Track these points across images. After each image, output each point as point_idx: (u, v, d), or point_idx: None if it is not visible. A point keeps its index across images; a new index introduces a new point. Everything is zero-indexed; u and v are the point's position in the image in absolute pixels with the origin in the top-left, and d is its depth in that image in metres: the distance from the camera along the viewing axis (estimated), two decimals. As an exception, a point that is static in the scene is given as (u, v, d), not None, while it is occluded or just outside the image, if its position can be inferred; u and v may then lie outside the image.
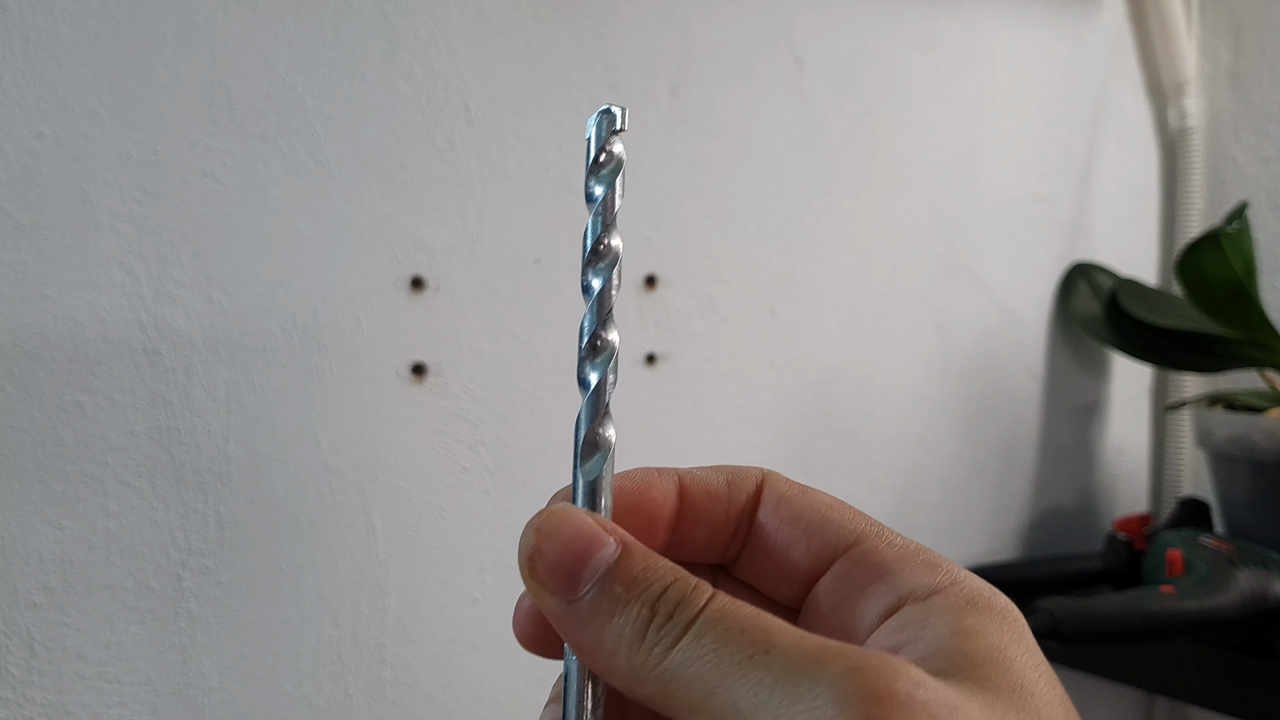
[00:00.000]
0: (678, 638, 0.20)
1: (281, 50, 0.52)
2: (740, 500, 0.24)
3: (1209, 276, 0.73)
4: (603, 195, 0.23)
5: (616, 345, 0.23)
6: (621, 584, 0.21)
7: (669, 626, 0.20)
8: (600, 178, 0.23)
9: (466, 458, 0.58)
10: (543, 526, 0.21)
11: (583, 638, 0.21)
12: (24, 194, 0.47)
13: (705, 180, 0.65)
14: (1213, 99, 0.90)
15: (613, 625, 0.20)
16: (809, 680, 0.18)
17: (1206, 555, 0.66)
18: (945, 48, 0.76)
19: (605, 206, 0.23)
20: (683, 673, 0.19)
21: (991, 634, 0.20)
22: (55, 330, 0.47)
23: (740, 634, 0.19)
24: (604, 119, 0.24)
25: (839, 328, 0.72)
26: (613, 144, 0.24)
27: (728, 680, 0.19)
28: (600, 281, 0.23)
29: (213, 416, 0.51)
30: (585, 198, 0.24)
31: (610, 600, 0.20)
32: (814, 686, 0.18)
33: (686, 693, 0.19)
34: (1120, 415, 0.89)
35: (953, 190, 0.77)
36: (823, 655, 0.19)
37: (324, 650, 0.54)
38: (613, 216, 0.23)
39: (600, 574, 0.21)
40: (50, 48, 0.47)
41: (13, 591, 0.47)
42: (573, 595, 0.21)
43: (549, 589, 0.21)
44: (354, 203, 0.54)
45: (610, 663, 0.20)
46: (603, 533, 0.21)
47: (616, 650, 0.20)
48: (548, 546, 0.21)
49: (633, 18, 0.62)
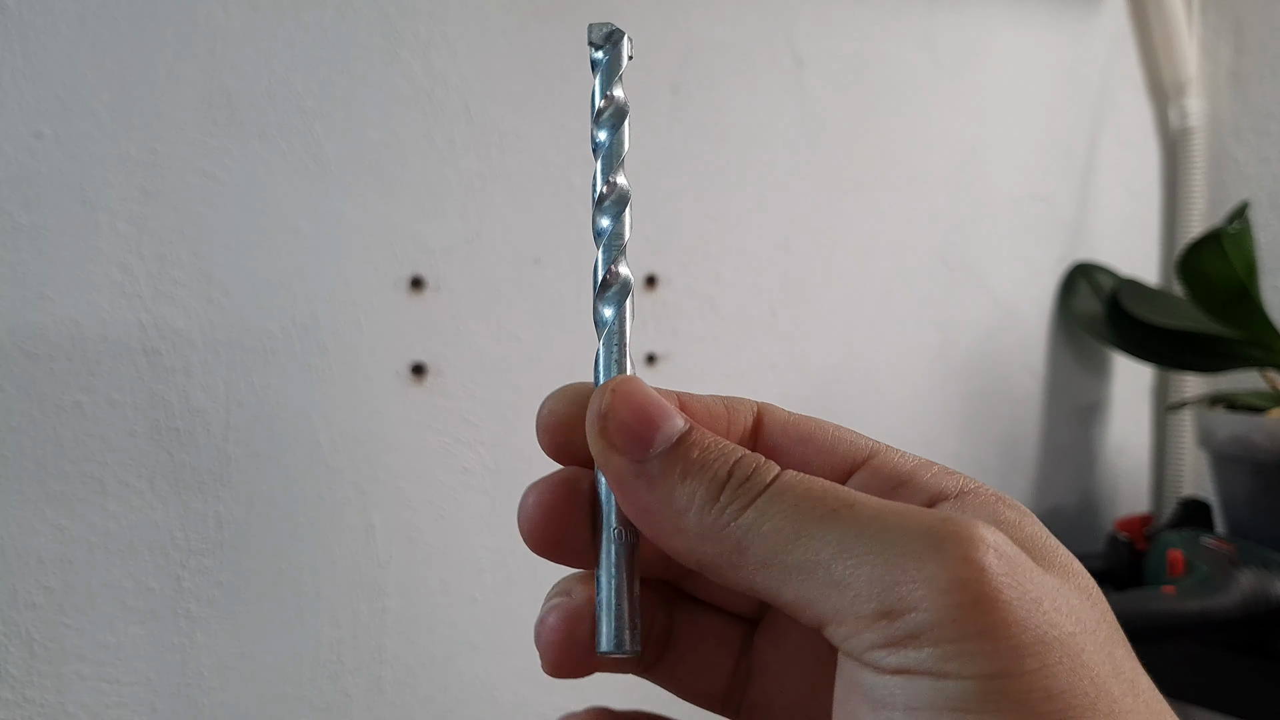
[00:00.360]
0: (755, 495, 0.20)
1: (281, 50, 0.52)
2: (740, 423, 0.24)
3: (1210, 276, 0.73)
4: (608, 140, 0.24)
5: (630, 280, 0.24)
6: (698, 449, 0.21)
7: (746, 486, 0.20)
8: (603, 123, 0.24)
9: (466, 458, 0.58)
10: (619, 389, 0.22)
11: (650, 499, 0.21)
12: (23, 193, 0.47)
13: (705, 180, 0.65)
14: (1214, 99, 0.90)
15: (685, 485, 0.21)
16: (897, 530, 0.19)
17: (1207, 556, 0.66)
18: (946, 47, 0.76)
19: (613, 151, 0.24)
20: (759, 527, 0.20)
21: (1029, 525, 0.21)
22: (54, 330, 0.47)
23: (821, 492, 0.20)
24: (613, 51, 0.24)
25: (839, 328, 0.72)
26: (616, 89, 0.24)
27: (809, 530, 0.19)
28: (610, 221, 0.24)
29: (212, 417, 0.51)
30: (591, 142, 0.24)
31: (684, 463, 0.21)
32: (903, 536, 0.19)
33: (761, 547, 0.20)
34: (1121, 415, 0.89)
35: (953, 190, 0.77)
36: (907, 511, 0.19)
37: (323, 651, 0.54)
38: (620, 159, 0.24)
39: (671, 441, 0.21)
40: (50, 47, 0.47)
41: (12, 591, 0.47)
42: (642, 456, 0.21)
43: (618, 448, 0.21)
44: (354, 203, 0.54)
45: (678, 522, 0.20)
46: (674, 408, 0.22)
47: (687, 509, 0.20)
48: (622, 407, 0.21)
49: (633, 17, 0.62)
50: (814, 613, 0.19)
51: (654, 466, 0.21)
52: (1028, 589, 0.18)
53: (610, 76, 0.24)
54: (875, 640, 0.18)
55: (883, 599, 0.18)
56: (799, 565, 0.19)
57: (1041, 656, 0.18)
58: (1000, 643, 0.18)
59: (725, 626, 0.25)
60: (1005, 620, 0.18)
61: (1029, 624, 0.18)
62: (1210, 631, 0.62)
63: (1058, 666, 0.18)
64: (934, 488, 0.22)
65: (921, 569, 0.18)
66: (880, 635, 0.18)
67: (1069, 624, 0.19)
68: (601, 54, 0.24)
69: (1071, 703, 0.18)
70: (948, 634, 0.18)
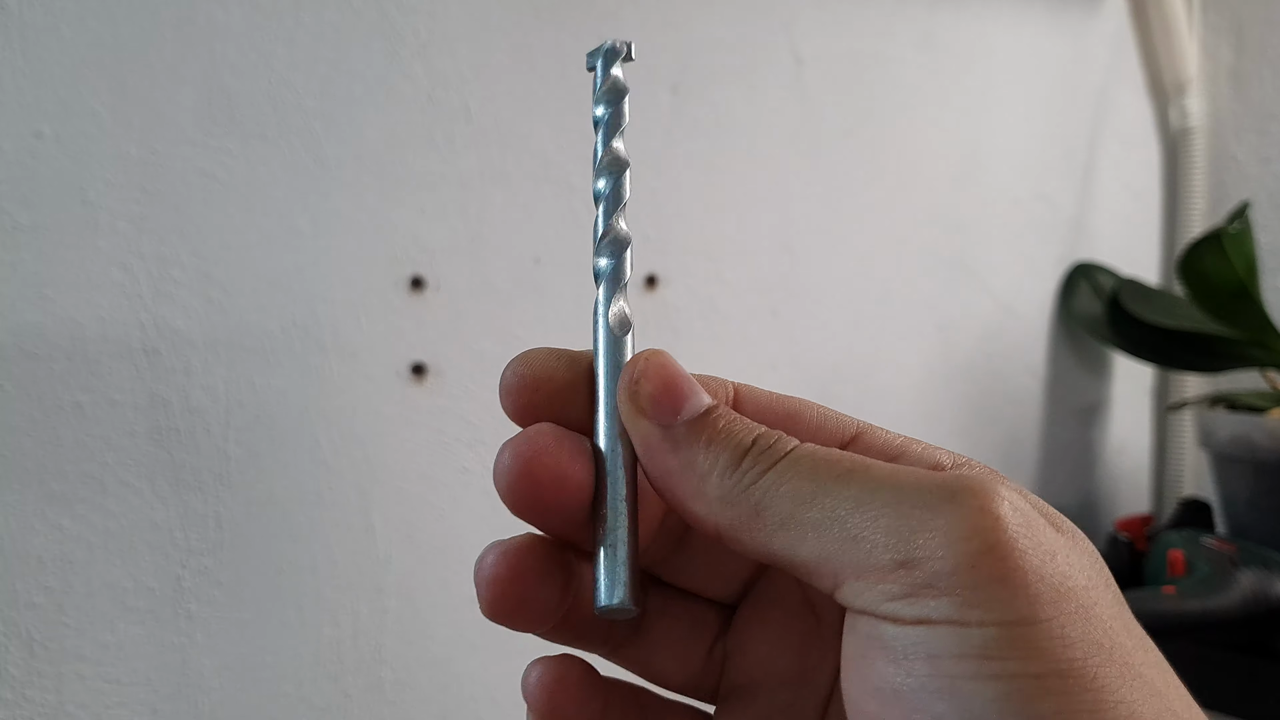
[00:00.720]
0: (774, 461, 0.21)
1: (281, 50, 0.52)
2: (717, 399, 0.24)
3: (1211, 276, 0.73)
4: (607, 116, 0.25)
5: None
6: (724, 419, 0.22)
7: (766, 454, 0.21)
8: (600, 97, 0.25)
9: (466, 458, 0.58)
10: (652, 359, 0.23)
11: (675, 462, 0.21)
12: (23, 193, 0.47)
13: (705, 180, 0.65)
14: (1214, 98, 0.90)
15: (710, 451, 0.21)
16: (912, 485, 0.19)
17: (1208, 556, 0.66)
18: (946, 47, 0.76)
19: (610, 127, 0.25)
20: (777, 489, 0.20)
21: (1029, 495, 0.21)
22: (54, 330, 0.47)
23: (838, 457, 0.21)
24: (609, 55, 0.25)
25: (840, 328, 0.72)
26: (616, 70, 0.25)
27: (826, 488, 0.20)
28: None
29: (212, 417, 0.51)
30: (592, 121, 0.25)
31: (709, 431, 0.21)
32: (918, 490, 0.19)
33: (779, 507, 0.20)
34: (1122, 415, 0.89)
35: (954, 190, 0.77)
36: (921, 471, 0.20)
37: (323, 651, 0.54)
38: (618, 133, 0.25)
39: (697, 412, 0.22)
40: (50, 47, 0.47)
41: (12, 591, 0.47)
42: (670, 421, 0.22)
43: (647, 414, 0.22)
44: (354, 202, 0.54)
45: (701, 485, 0.21)
46: (699, 386, 0.22)
47: (709, 473, 0.21)
48: (655, 375, 0.22)
49: (633, 17, 0.62)
50: (831, 568, 0.19)
51: (680, 432, 0.22)
52: (1041, 541, 0.19)
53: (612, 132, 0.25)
54: (894, 591, 0.18)
55: (899, 549, 0.18)
56: (816, 522, 0.20)
57: (1058, 604, 0.18)
58: (1017, 590, 0.18)
59: (702, 610, 0.25)
60: (1021, 568, 0.18)
61: (1044, 573, 0.18)
62: (1210, 631, 0.62)
63: (1074, 615, 0.18)
64: (929, 459, 0.22)
65: (937, 518, 0.18)
66: (899, 586, 0.18)
67: (1081, 578, 0.19)
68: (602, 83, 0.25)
69: (1089, 650, 0.18)
70: (965, 580, 0.18)
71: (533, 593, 0.22)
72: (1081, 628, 0.18)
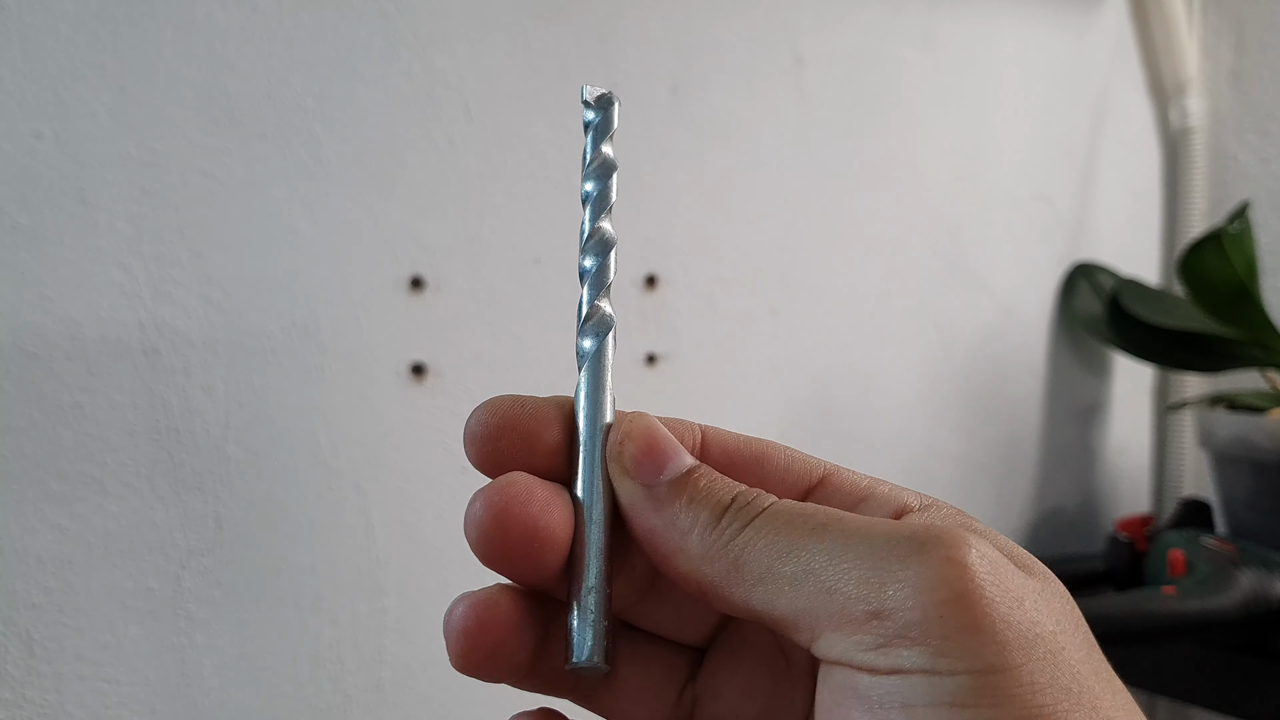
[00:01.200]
0: (752, 516, 0.21)
1: (281, 50, 0.52)
2: (684, 444, 0.24)
3: (1211, 276, 0.73)
4: (596, 191, 0.26)
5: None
6: (705, 479, 0.23)
7: (745, 511, 0.22)
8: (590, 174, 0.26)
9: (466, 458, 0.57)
10: (636, 421, 0.23)
11: (657, 520, 0.22)
12: (22, 193, 0.47)
13: (705, 180, 0.65)
14: (1214, 98, 0.90)
15: (691, 509, 0.22)
16: (882, 537, 0.20)
17: (1208, 556, 0.66)
18: (946, 47, 0.76)
19: (599, 202, 0.26)
20: (755, 544, 0.21)
21: (998, 537, 0.22)
22: (54, 330, 0.47)
23: (812, 511, 0.21)
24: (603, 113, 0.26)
25: (840, 327, 0.72)
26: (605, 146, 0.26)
27: (801, 543, 0.20)
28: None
29: (212, 417, 0.51)
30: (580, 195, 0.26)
31: (691, 490, 0.22)
32: (888, 541, 0.20)
33: (757, 561, 0.21)
34: (1122, 415, 0.89)
35: (954, 190, 0.77)
36: (890, 522, 0.20)
37: (323, 651, 0.54)
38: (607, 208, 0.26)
39: (679, 472, 0.23)
40: (49, 47, 0.47)
41: (12, 592, 0.47)
42: (653, 481, 0.22)
43: (631, 474, 0.23)
44: (353, 202, 0.54)
45: (682, 543, 0.22)
46: (683, 448, 0.23)
47: (690, 530, 0.22)
48: (640, 436, 0.23)
49: (633, 17, 0.62)
50: (808, 621, 0.20)
51: (663, 491, 0.22)
52: (1009, 588, 0.19)
53: (600, 136, 0.26)
54: (868, 642, 0.19)
55: (871, 600, 0.19)
56: (792, 576, 0.20)
57: (1026, 651, 0.18)
58: (986, 638, 0.18)
59: (671, 655, 0.25)
60: (989, 615, 0.18)
61: (1012, 620, 0.19)
62: (1210, 631, 0.62)
63: (1043, 661, 0.19)
64: (896, 501, 0.23)
65: (906, 569, 0.19)
66: (872, 637, 0.19)
67: (1049, 623, 0.19)
68: (594, 114, 0.26)
69: (1058, 696, 0.18)
70: (935, 630, 0.18)
71: (502, 646, 0.23)
72: (1050, 673, 0.18)
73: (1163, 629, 0.61)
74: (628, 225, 0.62)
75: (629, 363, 0.62)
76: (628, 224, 0.62)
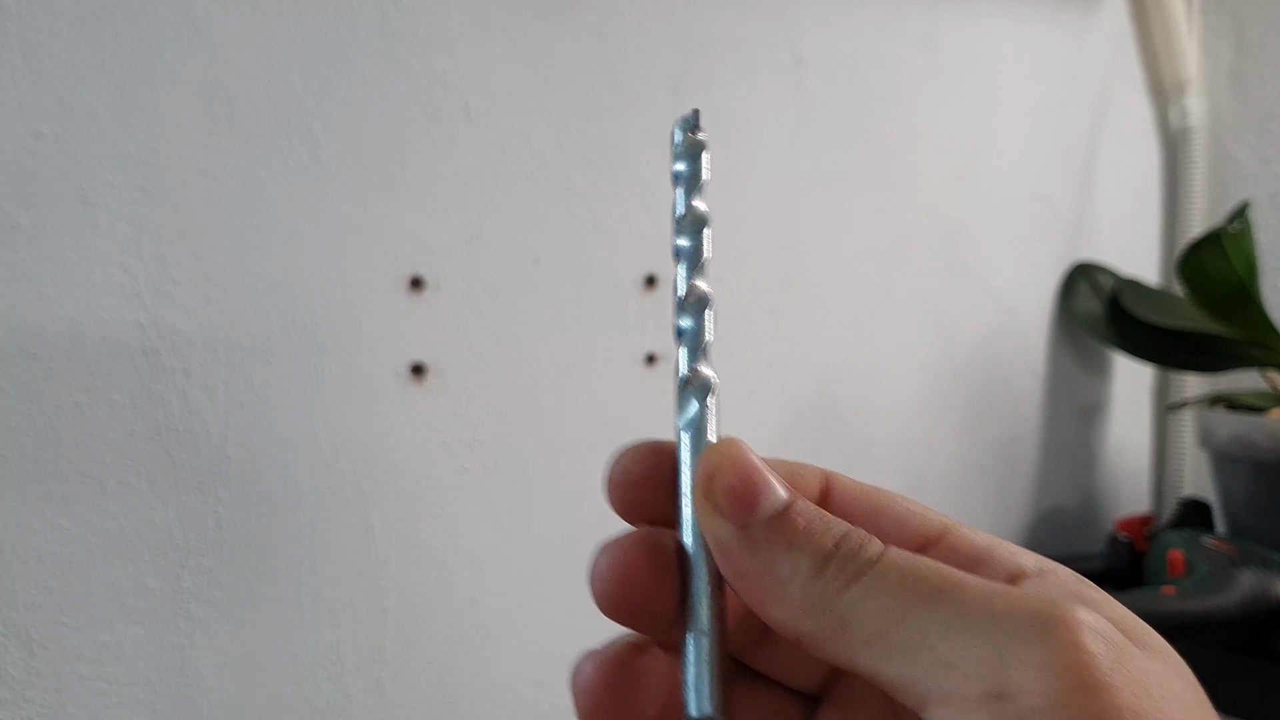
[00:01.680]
0: (861, 571, 0.20)
1: (281, 50, 0.52)
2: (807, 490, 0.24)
3: (1210, 276, 0.73)
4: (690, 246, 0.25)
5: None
6: (803, 519, 0.21)
7: (852, 561, 0.20)
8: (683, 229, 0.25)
9: (466, 458, 0.57)
10: (726, 452, 0.21)
11: (752, 565, 0.21)
12: (22, 193, 0.47)
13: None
14: (1214, 98, 0.90)
15: (789, 555, 0.20)
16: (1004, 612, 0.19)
17: (1208, 556, 0.66)
18: (946, 47, 0.76)
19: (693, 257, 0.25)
20: (864, 604, 0.19)
21: (1114, 607, 0.21)
22: (54, 330, 0.47)
23: (927, 571, 0.20)
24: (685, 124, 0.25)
25: (839, 328, 0.72)
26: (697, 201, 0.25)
27: (916, 610, 0.19)
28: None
29: (211, 417, 0.51)
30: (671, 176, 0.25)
31: (789, 532, 0.21)
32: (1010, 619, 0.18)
33: (866, 624, 0.19)
34: (1122, 415, 0.89)
35: (953, 190, 0.77)
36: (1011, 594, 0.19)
37: (323, 651, 0.54)
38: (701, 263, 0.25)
39: (776, 510, 0.21)
40: (49, 47, 0.47)
41: (11, 592, 0.47)
42: (747, 520, 0.21)
43: (723, 512, 0.21)
44: (353, 202, 0.54)
45: (781, 591, 0.20)
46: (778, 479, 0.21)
47: (791, 579, 0.20)
48: (731, 469, 0.21)
49: (633, 17, 0.62)
50: (918, 691, 0.19)
51: (757, 533, 0.21)
52: (1134, 674, 0.18)
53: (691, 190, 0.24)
54: None
55: (991, 681, 0.18)
56: (904, 645, 0.19)
57: None
58: None
59: (786, 702, 0.25)
60: (1116, 705, 0.18)
61: (1138, 710, 0.18)
62: (1210, 631, 0.62)
63: None
64: (1012, 565, 0.22)
65: (1030, 653, 0.18)
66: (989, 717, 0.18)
67: (1176, 710, 0.19)
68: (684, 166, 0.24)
69: None
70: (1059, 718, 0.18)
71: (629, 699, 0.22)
72: None
73: (1162, 629, 0.61)
74: (627, 225, 0.62)
75: (629, 363, 0.62)
76: (627, 224, 0.62)
